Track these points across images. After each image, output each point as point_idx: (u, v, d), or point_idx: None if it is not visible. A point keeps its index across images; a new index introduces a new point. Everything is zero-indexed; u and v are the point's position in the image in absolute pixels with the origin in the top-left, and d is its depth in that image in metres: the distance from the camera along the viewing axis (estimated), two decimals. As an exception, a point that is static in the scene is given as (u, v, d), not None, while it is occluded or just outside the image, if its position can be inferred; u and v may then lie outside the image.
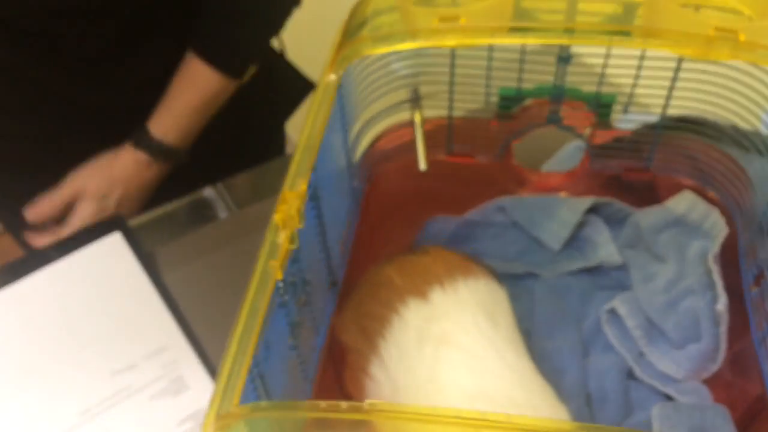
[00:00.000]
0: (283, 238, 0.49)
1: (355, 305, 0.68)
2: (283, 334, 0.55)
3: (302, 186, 0.53)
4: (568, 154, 0.89)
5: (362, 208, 0.78)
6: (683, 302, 0.73)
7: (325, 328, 0.67)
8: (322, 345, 0.66)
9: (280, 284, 0.52)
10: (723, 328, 0.70)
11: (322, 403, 0.39)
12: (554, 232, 0.81)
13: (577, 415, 0.68)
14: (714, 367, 0.70)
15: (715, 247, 0.74)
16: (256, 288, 0.47)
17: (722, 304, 0.70)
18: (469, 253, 0.73)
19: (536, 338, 0.76)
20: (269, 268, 0.48)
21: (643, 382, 0.71)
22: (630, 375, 0.72)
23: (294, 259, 0.55)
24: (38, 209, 0.90)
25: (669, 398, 0.70)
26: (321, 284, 0.65)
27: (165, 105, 0.91)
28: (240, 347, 0.44)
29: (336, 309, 0.70)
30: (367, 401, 0.39)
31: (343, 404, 0.39)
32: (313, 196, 0.60)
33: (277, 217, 0.50)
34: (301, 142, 0.56)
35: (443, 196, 0.82)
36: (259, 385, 0.49)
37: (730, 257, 0.75)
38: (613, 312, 0.75)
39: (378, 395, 0.63)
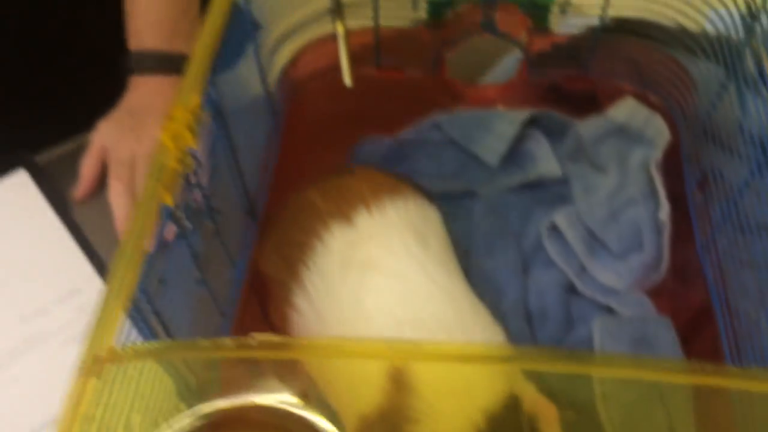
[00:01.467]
0: (171, 158, 0.43)
1: (277, 234, 0.63)
2: (186, 267, 0.50)
3: (194, 100, 0.47)
4: (505, 67, 0.83)
5: (284, 131, 0.72)
6: (625, 213, 0.70)
7: (244, 261, 0.63)
8: (243, 279, 0.61)
9: (178, 212, 0.46)
10: (665, 237, 0.67)
11: (204, 342, 0.34)
12: (492, 147, 0.76)
13: (516, 334, 0.65)
14: (657, 278, 0.67)
15: (657, 154, 0.70)
16: (141, 215, 0.42)
17: (664, 212, 0.67)
18: (403, 174, 0.68)
19: (475, 258, 0.72)
20: (155, 191, 0.42)
21: (584, 296, 0.69)
22: (571, 290, 0.70)
23: (195, 184, 0.49)
24: (84, 184, 0.79)
25: (611, 311, 0.67)
26: (235, 213, 0.59)
27: (133, 19, 0.81)
28: (117, 282, 0.39)
29: (257, 239, 0.65)
30: (253, 336, 0.34)
31: (228, 341, 0.34)
32: (218, 115, 0.54)
33: (164, 136, 0.44)
34: (194, 53, 0.50)
35: (373, 114, 0.77)
36: (156, 324, 0.44)
37: (673, 164, 0.71)
38: (553, 227, 0.71)
39: (303, 326, 0.59)
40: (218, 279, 0.55)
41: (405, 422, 0.40)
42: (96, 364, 0.36)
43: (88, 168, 0.77)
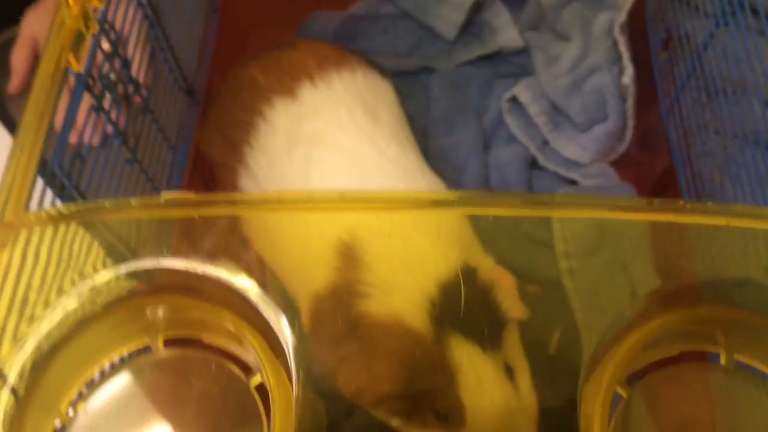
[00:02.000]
0: (71, 16, 0.39)
1: (218, 114, 0.60)
2: (110, 144, 0.46)
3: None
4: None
5: (224, 6, 0.67)
6: (589, 81, 0.66)
7: (186, 144, 0.59)
8: (186, 163, 0.58)
9: (92, 81, 0.43)
10: (630, 103, 0.63)
11: (107, 203, 0.31)
12: (448, 17, 0.72)
13: (476, 211, 0.62)
14: (621, 147, 0.65)
15: (621, 17, 0.66)
16: (42, 80, 0.38)
17: (628, 76, 0.63)
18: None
19: (433, 136, 0.69)
20: (57, 52, 0.38)
21: (546, 170, 0.66)
22: (533, 165, 0.67)
23: (112, 53, 0.46)
24: (17, 77, 0.74)
25: (574, 183, 0.64)
26: (170, 90, 0.56)
27: None
28: (20, 150, 0.35)
29: (199, 120, 0.61)
30: (163, 193, 0.32)
31: (134, 201, 0.31)
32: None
33: (66, -6, 0.40)
34: None
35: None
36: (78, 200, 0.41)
37: (637, 26, 0.67)
38: (515, 100, 0.68)
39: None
40: (155, 161, 0.52)
41: (356, 297, 0.37)
42: (6, 229, 0.33)
43: (19, 60, 0.72)
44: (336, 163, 0.55)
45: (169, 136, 0.55)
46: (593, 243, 0.40)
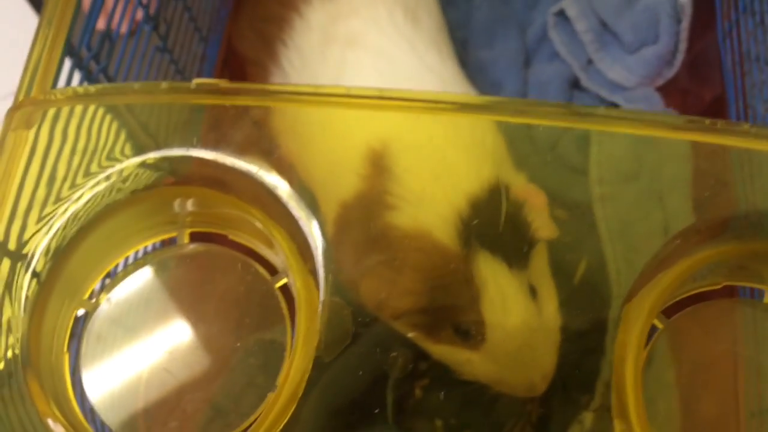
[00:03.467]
0: None
1: (252, 7, 0.58)
2: (141, 30, 0.45)
3: None
4: None
5: None
6: (643, -1, 0.62)
7: (218, 36, 0.57)
8: (217, 57, 0.57)
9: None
10: (685, 24, 0.60)
11: (136, 85, 0.30)
12: None
13: (511, 129, 0.61)
14: (670, 73, 0.62)
15: (685, -71, 0.62)
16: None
17: (686, -6, 0.59)
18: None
19: (472, 48, 0.67)
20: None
21: (589, 91, 0.64)
22: (575, 85, 0.64)
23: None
24: None
25: (616, 107, 0.62)
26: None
27: None
28: (47, 25, 0.34)
29: (232, 13, 0.59)
30: (195, 80, 0.30)
31: (164, 85, 0.30)
32: None
33: None
34: None
35: None
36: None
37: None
38: (562, 14, 0.65)
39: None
40: (186, 51, 0.51)
41: (384, 209, 0.37)
42: (30, 106, 0.32)
43: None
44: (371, 67, 0.53)
45: (201, 27, 0.53)
46: (630, 170, 0.39)
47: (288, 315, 0.31)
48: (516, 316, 0.34)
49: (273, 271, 0.34)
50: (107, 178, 0.31)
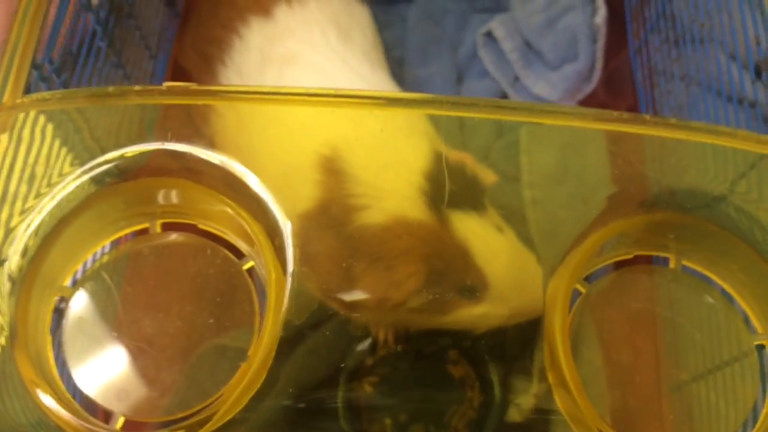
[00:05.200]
0: None
1: (195, 29, 0.62)
2: (97, 46, 0.48)
3: None
4: None
5: None
6: (562, 20, 0.70)
7: (165, 54, 0.61)
8: (165, 74, 0.60)
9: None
10: (600, 44, 0.68)
11: (110, 89, 0.34)
12: (427, -52, 0.74)
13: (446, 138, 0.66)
14: (588, 88, 0.69)
15: (597, -44, 0.69)
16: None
17: (600, 16, 0.67)
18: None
19: (409, 66, 0.72)
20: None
21: (516, 105, 0.69)
22: (504, 99, 0.70)
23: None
24: None
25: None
26: (153, 1, 0.57)
27: None
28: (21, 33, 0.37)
29: (178, 33, 0.63)
30: (165, 84, 0.34)
31: (137, 88, 0.34)
32: None
33: None
34: None
35: None
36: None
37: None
38: (489, 35, 0.71)
39: (221, 124, 0.58)
40: (138, 68, 0.54)
41: (353, 212, 0.40)
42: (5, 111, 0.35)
43: None
44: (307, 82, 0.57)
45: (150, 45, 0.57)
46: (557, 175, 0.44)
47: (256, 293, 0.35)
48: (502, 251, 0.39)
49: (240, 255, 0.38)
50: (82, 174, 0.34)
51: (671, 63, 0.62)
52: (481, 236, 0.39)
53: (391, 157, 0.40)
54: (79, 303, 0.36)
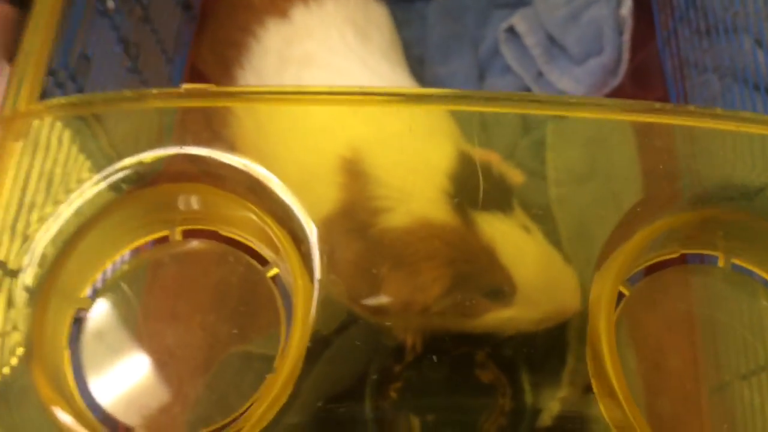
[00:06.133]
0: None
1: (212, 32, 0.62)
2: (113, 51, 0.47)
3: None
4: None
5: None
6: (586, 13, 0.68)
7: (182, 58, 0.60)
8: (181, 77, 0.59)
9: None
10: (626, 36, 0.66)
11: (127, 92, 0.33)
12: (446, -57, 0.72)
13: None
14: (615, 82, 0.67)
15: (622, -54, 0.68)
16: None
17: (626, 7, 0.66)
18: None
19: (429, 64, 0.71)
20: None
21: (540, 102, 0.68)
22: (527, 97, 0.69)
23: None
24: None
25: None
26: (167, 3, 0.56)
27: None
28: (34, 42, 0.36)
29: (195, 37, 0.62)
30: (183, 86, 0.33)
31: (155, 91, 0.33)
32: None
33: None
34: None
35: None
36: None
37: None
38: (511, 30, 0.70)
39: (239, 128, 0.58)
40: (154, 73, 0.53)
41: (376, 215, 0.39)
42: (14, 120, 0.35)
43: None
44: (326, 83, 0.56)
45: (167, 49, 0.56)
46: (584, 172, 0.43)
47: (281, 301, 0.34)
48: (529, 253, 0.38)
49: (264, 262, 0.37)
50: (99, 180, 0.33)
51: (702, 54, 0.60)
52: (508, 237, 0.38)
53: (414, 157, 0.39)
54: (98, 314, 0.35)
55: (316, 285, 0.32)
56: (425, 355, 0.36)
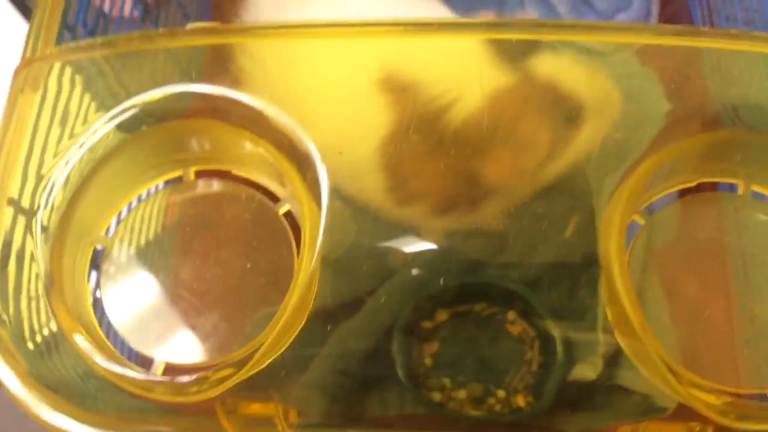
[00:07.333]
0: None
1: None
2: (130, 9, 0.48)
3: None
4: None
5: None
6: (613, -34, 0.67)
7: (203, 20, 0.61)
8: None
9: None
10: (656, -13, 0.64)
11: (136, 34, 0.33)
12: None
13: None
14: (644, 36, 0.65)
15: None
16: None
17: (654, -41, 0.64)
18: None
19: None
20: None
21: (567, 59, 0.67)
22: (554, 54, 0.68)
23: None
24: None
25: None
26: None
27: None
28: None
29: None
30: (189, 25, 0.34)
31: (161, 31, 0.33)
32: None
33: None
34: None
35: None
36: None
37: None
38: (536, -15, 0.69)
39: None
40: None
41: (446, 111, 0.38)
42: (31, 64, 0.35)
43: None
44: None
45: (189, 13, 0.57)
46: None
47: (292, 235, 0.34)
48: (585, 73, 0.40)
49: (276, 200, 0.37)
50: (109, 120, 0.34)
51: (732, 5, 0.59)
52: (564, 65, 0.39)
53: (452, 59, 0.38)
54: (116, 252, 0.36)
55: (324, 209, 0.33)
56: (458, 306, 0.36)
